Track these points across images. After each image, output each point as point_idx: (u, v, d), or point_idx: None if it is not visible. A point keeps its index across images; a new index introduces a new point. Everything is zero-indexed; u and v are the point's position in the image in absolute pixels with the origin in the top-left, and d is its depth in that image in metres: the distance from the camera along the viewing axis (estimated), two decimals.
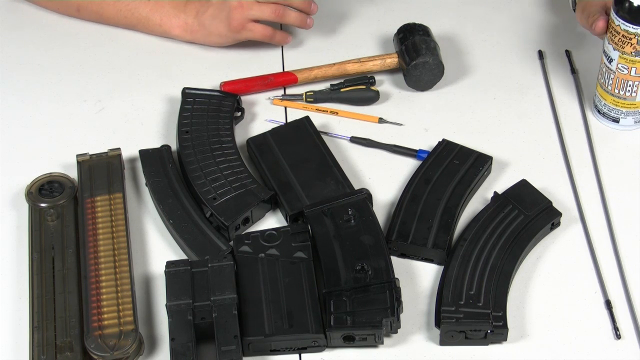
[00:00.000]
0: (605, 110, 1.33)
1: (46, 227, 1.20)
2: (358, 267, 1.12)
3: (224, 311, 1.09)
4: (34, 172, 1.27)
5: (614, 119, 1.33)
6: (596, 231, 1.22)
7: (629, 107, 1.31)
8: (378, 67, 1.42)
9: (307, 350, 1.10)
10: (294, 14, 1.43)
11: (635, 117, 1.33)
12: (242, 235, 1.18)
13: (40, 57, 1.49)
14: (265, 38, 1.44)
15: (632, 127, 1.34)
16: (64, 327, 1.10)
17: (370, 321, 1.08)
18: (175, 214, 1.21)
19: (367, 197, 1.21)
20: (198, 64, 1.46)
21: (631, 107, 1.31)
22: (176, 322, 1.08)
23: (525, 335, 1.11)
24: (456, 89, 1.42)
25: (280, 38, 1.46)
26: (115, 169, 1.26)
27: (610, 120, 1.34)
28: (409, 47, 1.40)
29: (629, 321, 1.12)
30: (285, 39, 1.46)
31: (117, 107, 1.40)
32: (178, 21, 1.46)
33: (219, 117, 1.33)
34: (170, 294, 1.10)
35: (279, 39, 1.46)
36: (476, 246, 1.16)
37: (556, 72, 1.44)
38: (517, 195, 1.22)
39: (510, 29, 1.51)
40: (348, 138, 1.35)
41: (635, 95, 1.30)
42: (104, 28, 1.52)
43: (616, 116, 1.33)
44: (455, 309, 1.10)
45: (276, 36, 1.45)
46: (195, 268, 1.12)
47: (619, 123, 1.33)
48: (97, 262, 1.15)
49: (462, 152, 1.28)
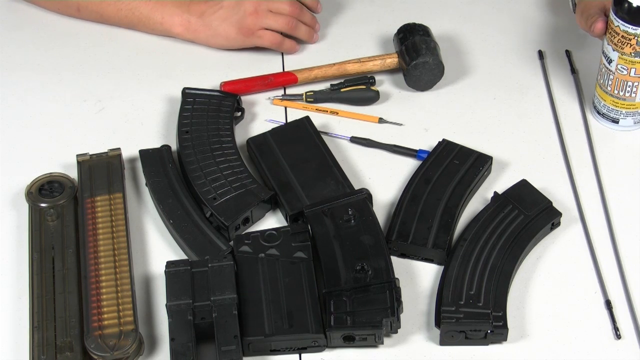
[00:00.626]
0: (605, 111, 1.33)
1: (46, 227, 1.20)
2: (358, 267, 1.12)
3: (224, 311, 1.09)
4: (34, 172, 1.27)
5: (614, 119, 1.33)
6: (596, 231, 1.22)
7: (628, 108, 1.31)
8: (378, 67, 1.42)
9: (307, 350, 1.10)
10: (304, 28, 1.46)
11: (635, 118, 1.33)
12: (242, 235, 1.18)
13: (40, 57, 1.49)
14: (273, 45, 1.45)
15: (632, 128, 1.34)
16: (64, 327, 1.10)
17: (370, 321, 1.08)
18: (175, 214, 1.21)
19: (367, 197, 1.21)
20: (198, 64, 1.46)
21: (631, 107, 1.31)
22: (176, 322, 1.08)
23: (525, 335, 1.11)
24: (456, 89, 1.42)
25: (289, 46, 1.46)
26: (115, 169, 1.26)
27: (610, 121, 1.34)
28: (409, 47, 1.40)
29: (629, 321, 1.12)
30: (293, 47, 1.47)
31: (117, 107, 1.40)
32: (180, 20, 1.46)
33: (219, 117, 1.33)
34: (170, 294, 1.10)
35: (288, 47, 1.46)
36: (476, 246, 1.16)
37: (556, 72, 1.44)
38: (517, 195, 1.22)
39: (510, 29, 1.51)
40: (348, 138, 1.35)
41: (635, 95, 1.30)
42: (104, 28, 1.52)
43: (615, 117, 1.33)
44: (455, 309, 1.10)
45: (285, 44, 1.45)
46: (195, 268, 1.12)
47: (618, 124, 1.33)
48: (97, 262, 1.15)
49: (462, 152, 1.28)
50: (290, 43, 1.46)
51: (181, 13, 1.46)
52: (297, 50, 1.48)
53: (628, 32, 1.24)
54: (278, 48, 1.46)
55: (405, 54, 1.40)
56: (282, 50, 1.46)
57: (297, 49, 1.48)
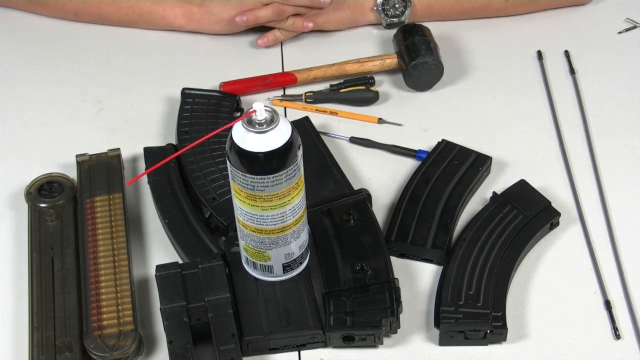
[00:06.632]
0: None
1: (46, 227, 1.20)
2: (357, 267, 1.12)
3: (219, 311, 1.08)
4: (34, 172, 1.27)
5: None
6: (595, 231, 1.22)
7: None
8: (377, 67, 1.43)
9: (306, 347, 1.10)
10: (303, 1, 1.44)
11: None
12: (233, 235, 1.18)
13: (39, 57, 1.49)
14: (277, 15, 1.44)
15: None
16: (63, 328, 1.10)
17: (370, 321, 1.08)
18: (171, 213, 1.21)
19: (366, 198, 1.21)
20: (198, 65, 1.47)
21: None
22: (172, 325, 1.07)
23: (524, 335, 1.11)
24: (456, 89, 1.42)
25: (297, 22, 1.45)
26: (114, 169, 1.26)
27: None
28: (408, 47, 1.40)
29: (629, 321, 1.12)
30: (301, 23, 1.46)
31: (117, 107, 1.40)
32: (182, 11, 1.47)
33: (218, 118, 1.33)
34: (164, 297, 1.09)
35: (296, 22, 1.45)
36: (475, 246, 1.16)
37: (555, 72, 1.44)
38: (516, 195, 1.22)
39: (510, 29, 1.51)
40: (348, 138, 1.35)
41: None
42: (104, 28, 1.52)
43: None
44: (454, 309, 1.10)
45: (287, 10, 1.43)
46: (185, 270, 1.12)
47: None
48: (97, 262, 1.15)
49: (461, 152, 1.28)
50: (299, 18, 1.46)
51: (182, 4, 1.47)
52: (310, 28, 1.47)
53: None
54: (281, 16, 1.45)
55: (404, 54, 1.40)
56: (285, 18, 1.45)
57: (310, 26, 1.47)
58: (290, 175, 1.02)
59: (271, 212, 1.04)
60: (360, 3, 1.48)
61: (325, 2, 1.44)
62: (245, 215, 1.06)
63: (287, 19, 1.45)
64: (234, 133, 1.00)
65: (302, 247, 1.11)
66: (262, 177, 1.00)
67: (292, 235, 1.08)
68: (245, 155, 1.00)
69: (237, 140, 1.00)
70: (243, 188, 1.02)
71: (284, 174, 1.01)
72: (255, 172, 1.00)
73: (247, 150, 0.99)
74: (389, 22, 1.49)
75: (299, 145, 1.02)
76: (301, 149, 1.02)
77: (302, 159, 1.04)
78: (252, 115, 0.99)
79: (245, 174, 1.01)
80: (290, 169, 1.01)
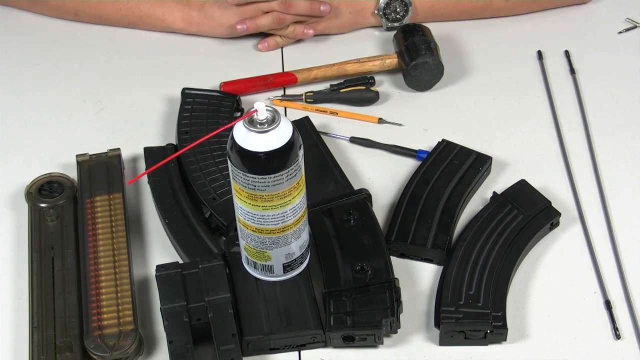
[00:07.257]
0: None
1: (46, 227, 1.20)
2: (358, 267, 1.12)
3: (220, 310, 1.08)
4: (34, 172, 1.27)
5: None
6: (595, 231, 1.22)
7: None
8: (378, 67, 1.43)
9: (306, 347, 1.10)
10: (303, 4, 1.43)
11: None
12: (233, 235, 1.18)
13: (39, 57, 1.49)
14: (277, 24, 1.44)
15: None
16: (63, 327, 1.10)
17: (370, 321, 1.08)
18: (171, 213, 1.21)
19: (366, 198, 1.21)
20: (198, 65, 1.47)
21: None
22: (173, 325, 1.07)
23: (524, 335, 1.11)
24: (456, 89, 1.42)
25: (297, 30, 1.46)
26: (114, 169, 1.26)
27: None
28: (408, 47, 1.40)
29: (629, 321, 1.12)
30: (302, 30, 1.46)
31: (117, 107, 1.40)
32: (181, 14, 1.47)
33: (218, 118, 1.33)
34: (164, 297, 1.09)
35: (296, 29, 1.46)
36: (475, 246, 1.16)
37: (555, 72, 1.44)
38: (516, 195, 1.22)
39: (510, 29, 1.51)
40: (348, 138, 1.35)
41: None
42: (104, 28, 1.52)
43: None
44: (454, 309, 1.10)
45: (286, 19, 1.44)
46: (186, 270, 1.12)
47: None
48: (97, 262, 1.15)
49: (461, 152, 1.28)
50: (299, 26, 1.46)
51: (181, 7, 1.47)
52: (310, 35, 1.47)
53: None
54: (281, 25, 1.45)
55: (405, 55, 1.40)
56: (288, 33, 1.46)
57: (311, 33, 1.47)
58: (291, 175, 1.02)
59: (272, 212, 1.04)
60: (361, 8, 1.48)
61: (325, 10, 1.44)
62: (245, 215, 1.06)
63: (287, 27, 1.45)
64: (235, 133, 1.00)
65: (302, 247, 1.11)
66: (263, 176, 1.00)
67: (293, 235, 1.08)
68: (247, 154, 1.00)
69: (238, 139, 1.00)
70: (244, 188, 1.02)
71: (285, 174, 1.01)
72: (256, 171, 1.00)
73: (248, 150, 0.99)
74: (390, 26, 1.49)
75: (300, 145, 1.02)
76: (302, 149, 1.02)
77: (303, 159, 1.04)
78: (253, 114, 0.99)
79: (247, 173, 1.01)
80: (292, 168, 1.01)
